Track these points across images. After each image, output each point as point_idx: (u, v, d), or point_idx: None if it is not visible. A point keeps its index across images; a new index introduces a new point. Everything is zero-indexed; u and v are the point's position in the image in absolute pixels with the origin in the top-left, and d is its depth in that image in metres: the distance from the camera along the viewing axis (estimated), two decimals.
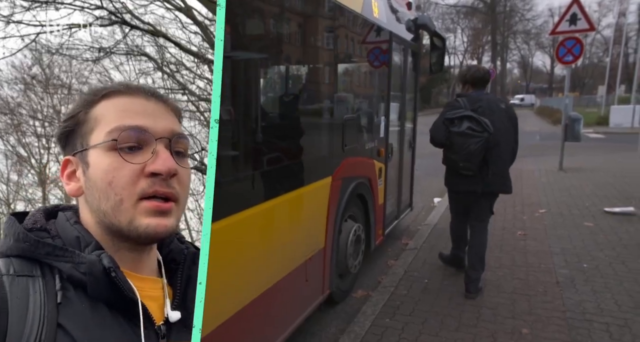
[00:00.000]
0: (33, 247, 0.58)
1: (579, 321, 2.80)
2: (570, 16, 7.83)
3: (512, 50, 48.04)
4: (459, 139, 3.01)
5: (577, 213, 5.29)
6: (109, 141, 0.60)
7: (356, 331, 2.80)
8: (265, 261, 2.20)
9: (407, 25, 4.50)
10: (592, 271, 3.56)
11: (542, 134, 16.72)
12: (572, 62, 8.03)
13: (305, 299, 2.68)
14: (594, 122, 19.09)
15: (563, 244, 4.25)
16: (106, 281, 0.57)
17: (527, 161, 9.47)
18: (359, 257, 3.48)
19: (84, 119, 0.64)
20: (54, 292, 0.56)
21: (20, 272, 0.56)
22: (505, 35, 40.34)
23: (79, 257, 0.58)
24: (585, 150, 10.67)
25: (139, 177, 0.60)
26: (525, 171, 8.25)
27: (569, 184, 7.06)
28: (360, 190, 3.43)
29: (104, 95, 0.64)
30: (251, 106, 2.06)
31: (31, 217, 0.64)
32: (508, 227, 4.85)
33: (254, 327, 2.12)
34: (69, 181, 0.65)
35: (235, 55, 1.91)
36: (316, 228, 2.75)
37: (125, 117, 0.62)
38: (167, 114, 0.66)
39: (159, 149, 0.61)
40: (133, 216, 0.60)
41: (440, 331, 2.76)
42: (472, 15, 41.15)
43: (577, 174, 7.90)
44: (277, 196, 2.22)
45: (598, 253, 3.95)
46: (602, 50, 41.89)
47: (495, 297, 3.19)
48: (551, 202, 5.91)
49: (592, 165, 8.73)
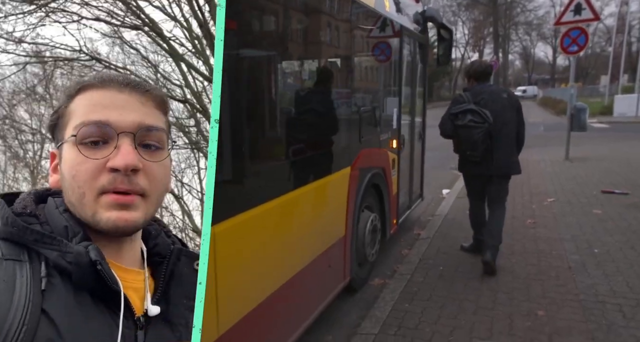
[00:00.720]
0: (21, 233, 0.59)
1: (592, 303, 2.90)
2: (575, 6, 7.84)
3: (514, 41, 47.90)
4: (463, 131, 3.39)
5: (585, 201, 5.37)
6: (70, 136, 0.62)
7: (377, 315, 2.91)
8: (293, 248, 2.29)
9: (415, 18, 4.56)
10: (603, 256, 3.65)
11: (546, 125, 16.75)
12: (577, 52, 8.06)
13: (328, 284, 2.78)
14: (597, 112, 19.07)
15: (573, 231, 4.33)
16: (91, 272, 0.57)
17: (532, 152, 9.53)
18: (375, 246, 3.58)
19: (63, 113, 0.65)
20: (40, 277, 0.56)
21: (8, 255, 0.57)
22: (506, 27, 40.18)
23: (66, 247, 0.59)
24: (590, 140, 10.71)
25: (101, 172, 0.60)
26: (532, 161, 8.32)
27: (576, 173, 7.13)
28: (376, 180, 3.53)
29: (79, 89, 0.65)
30: (279, 101, 2.15)
31: (21, 201, 0.64)
32: (518, 216, 4.93)
33: (283, 312, 2.22)
34: (53, 173, 0.67)
35: (260, 54, 2.00)
36: (337, 216, 2.85)
37: (92, 111, 0.62)
38: (141, 105, 0.65)
39: (121, 143, 0.61)
40: (95, 210, 0.61)
41: (458, 314, 2.86)
42: (473, 7, 40.98)
43: (583, 163, 7.96)
44: (303, 185, 2.32)
45: (608, 239, 4.04)
46: (604, 39, 41.67)
47: (510, 282, 3.29)
48: (559, 191, 5.99)
49: (597, 155, 8.78)
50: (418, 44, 4.66)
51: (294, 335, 2.30)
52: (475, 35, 44.62)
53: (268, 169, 2.09)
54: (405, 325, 2.76)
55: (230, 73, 1.70)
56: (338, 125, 2.81)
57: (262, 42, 2.05)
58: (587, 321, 2.67)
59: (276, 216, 2.09)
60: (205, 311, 1.52)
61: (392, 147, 3.95)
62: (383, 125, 3.69)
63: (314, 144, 2.51)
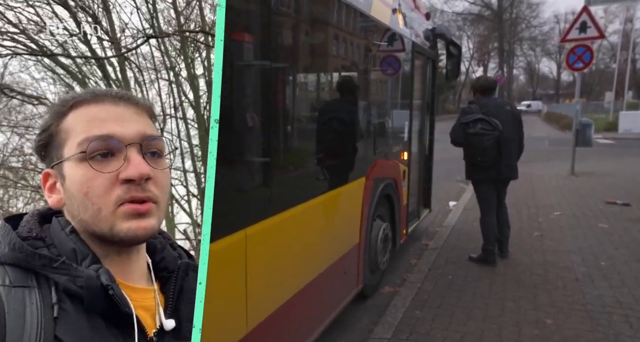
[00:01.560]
0: (29, 258, 0.58)
1: (599, 313, 2.98)
2: (580, 24, 8.02)
3: (519, 56, 48.28)
4: (474, 138, 3.70)
5: (591, 215, 5.45)
6: (78, 153, 0.61)
7: (389, 321, 3.00)
8: (314, 252, 2.41)
9: (426, 35, 4.73)
10: (609, 268, 3.74)
11: (551, 140, 16.82)
12: (582, 68, 8.20)
13: (343, 290, 2.88)
14: (602, 128, 19.15)
15: (579, 243, 4.42)
16: (103, 295, 0.58)
17: (537, 166, 9.64)
18: (386, 254, 3.68)
19: (55, 131, 0.64)
20: (50, 303, 0.56)
21: (16, 282, 0.56)
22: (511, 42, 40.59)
23: (76, 271, 0.58)
24: (595, 156, 10.79)
25: (114, 185, 0.61)
26: (537, 175, 8.42)
27: (581, 187, 7.21)
28: (388, 191, 3.64)
29: (72, 105, 0.64)
30: (304, 114, 2.29)
31: (26, 223, 0.64)
32: (525, 228, 5.02)
33: (303, 314, 2.33)
34: (51, 193, 0.66)
35: (285, 68, 2.14)
36: (353, 224, 2.96)
37: (93, 126, 0.62)
38: (138, 116, 0.66)
39: (131, 154, 0.62)
40: (113, 222, 0.60)
41: (468, 321, 2.95)
42: (478, 23, 41.48)
43: (588, 178, 8.04)
44: (324, 192, 2.44)
45: (613, 252, 4.12)
46: (608, 56, 41.94)
47: (517, 292, 3.38)
48: (564, 205, 6.08)
49: (602, 170, 8.87)
50: (428, 59, 4.82)
51: (311, 337, 2.40)
52: (480, 50, 45.06)
53: (294, 176, 2.22)
54: (417, 331, 2.85)
55: (257, 87, 1.84)
56: (356, 137, 2.95)
57: (287, 57, 2.20)
58: (595, 331, 2.75)
59: (300, 220, 2.21)
60: (235, 308, 1.63)
61: (403, 159, 4.08)
62: (395, 138, 3.82)
63: (334, 154, 2.65)
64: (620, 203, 5.90)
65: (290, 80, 2.27)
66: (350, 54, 2.98)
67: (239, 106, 1.76)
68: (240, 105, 1.77)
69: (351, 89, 2.99)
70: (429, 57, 4.82)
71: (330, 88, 2.82)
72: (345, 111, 2.82)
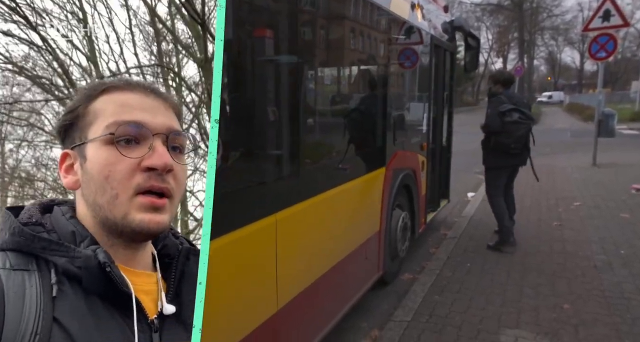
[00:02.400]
0: (29, 242, 0.59)
1: (617, 299, 3.03)
2: (604, 12, 7.86)
3: (540, 47, 47.14)
4: (512, 126, 3.93)
5: (613, 205, 5.42)
6: (106, 135, 0.61)
7: (409, 305, 3.11)
8: (338, 237, 2.54)
9: (444, 28, 4.77)
10: (630, 257, 3.75)
11: (573, 131, 16.49)
12: (605, 58, 8.05)
13: (365, 275, 3.01)
14: (628, 118, 18.64)
15: (600, 233, 4.43)
16: (101, 275, 0.58)
17: (559, 158, 9.53)
18: (406, 242, 3.79)
19: (83, 112, 0.65)
20: (50, 286, 0.56)
21: (16, 266, 0.57)
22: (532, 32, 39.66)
23: (75, 252, 0.59)
24: (619, 147, 10.58)
25: (135, 172, 0.61)
26: (558, 167, 8.34)
27: (603, 178, 7.14)
28: (407, 181, 3.74)
29: (104, 90, 0.65)
30: (326, 107, 2.41)
31: (26, 211, 0.65)
32: (544, 219, 5.04)
33: (327, 295, 2.46)
34: (67, 174, 0.66)
35: (313, 62, 2.26)
36: (374, 212, 3.08)
37: (123, 111, 0.63)
38: (165, 110, 0.67)
39: (156, 144, 0.62)
40: (127, 211, 0.61)
41: (486, 306, 3.04)
42: (498, 13, 40.63)
43: (610, 169, 7.93)
44: (346, 181, 2.56)
45: (636, 241, 4.12)
46: (635, 44, 40.59)
47: (536, 279, 3.44)
48: (586, 195, 6.04)
49: (626, 161, 8.71)
50: (447, 52, 4.86)
51: (334, 319, 2.54)
52: (500, 41, 44.16)
53: (320, 166, 2.35)
54: (436, 314, 2.96)
55: (287, 83, 1.97)
56: (377, 128, 3.05)
57: (314, 52, 2.32)
58: (612, 315, 2.81)
59: (325, 207, 2.34)
60: (266, 287, 1.78)
61: (422, 149, 4.16)
62: (414, 130, 3.91)
63: (357, 145, 2.76)
64: None
65: (317, 76, 2.39)
66: (371, 49, 3.07)
67: (268, 102, 1.89)
68: (270, 100, 1.91)
69: (373, 83, 3.09)
70: (447, 50, 4.86)
71: (353, 82, 2.93)
72: (367, 104, 2.93)
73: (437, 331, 2.76)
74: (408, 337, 2.70)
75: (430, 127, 4.33)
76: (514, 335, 2.66)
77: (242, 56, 1.76)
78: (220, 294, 1.57)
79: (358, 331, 2.91)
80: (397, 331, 2.77)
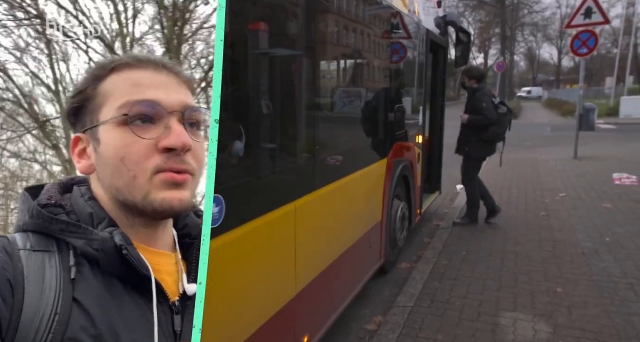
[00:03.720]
0: (46, 223, 0.59)
1: (605, 282, 3.21)
2: (585, 9, 8.12)
3: (519, 42, 48.05)
4: (502, 117, 4.40)
5: (595, 196, 5.67)
6: (119, 116, 0.59)
7: (410, 291, 3.22)
8: (347, 225, 2.62)
9: (437, 22, 4.87)
10: (614, 244, 3.96)
11: (553, 126, 16.97)
12: (586, 54, 8.32)
13: (368, 263, 3.10)
14: (604, 113, 19.27)
15: (584, 222, 4.64)
16: (118, 257, 0.57)
17: (540, 151, 9.84)
18: (404, 232, 3.90)
19: (92, 94, 0.62)
20: (68, 266, 0.56)
21: (36, 247, 0.57)
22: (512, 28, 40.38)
23: (92, 234, 0.58)
24: (597, 140, 10.97)
25: (153, 153, 0.58)
26: (541, 160, 8.62)
27: (585, 171, 7.42)
28: (405, 172, 3.84)
29: (112, 68, 0.62)
30: (340, 100, 2.47)
31: (46, 192, 0.63)
32: (531, 209, 5.24)
33: (337, 281, 2.54)
34: (80, 158, 0.64)
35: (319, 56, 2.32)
36: (376, 202, 3.17)
37: (135, 91, 0.60)
38: (179, 86, 0.64)
39: (172, 123, 0.60)
40: (148, 191, 0.58)
41: (484, 291, 3.18)
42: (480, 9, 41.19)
43: (591, 162, 8.24)
44: (354, 171, 2.64)
45: (618, 229, 4.34)
46: (610, 41, 41.75)
47: (528, 266, 3.60)
48: (569, 187, 6.29)
49: (605, 154, 9.06)
50: (440, 46, 4.97)
51: (342, 305, 2.62)
52: (481, 36, 44.82)
53: (332, 156, 2.42)
54: (437, 299, 3.08)
55: (293, 75, 2.03)
56: (381, 119, 3.14)
57: (317, 46, 2.37)
58: (601, 297, 2.98)
59: (337, 195, 2.41)
60: (287, 271, 1.87)
61: (418, 142, 4.26)
62: (411, 121, 4.01)
63: (366, 135, 2.85)
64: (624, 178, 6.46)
65: (329, 71, 2.45)
66: (376, 44, 3.14)
67: (291, 99, 1.96)
68: (291, 97, 1.97)
69: (376, 75, 3.16)
70: (441, 44, 4.97)
71: (359, 75, 2.99)
72: (371, 96, 3.00)
73: (439, 314, 2.88)
74: (412, 321, 2.81)
75: (425, 120, 4.44)
76: (512, 317, 2.80)
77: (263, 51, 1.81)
78: (249, 277, 1.64)
79: (362, 318, 3.01)
80: (401, 316, 2.88)
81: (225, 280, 1.50)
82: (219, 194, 1.42)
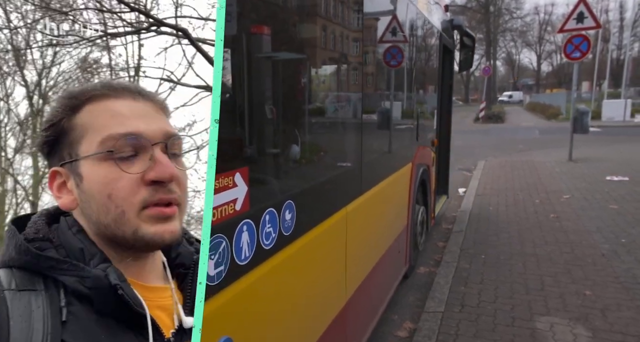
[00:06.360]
0: (35, 260, 0.55)
1: (632, 284, 3.20)
2: (578, 14, 8.29)
3: (501, 48, 49.07)
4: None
5: (600, 198, 5.73)
6: (104, 152, 0.57)
7: (438, 296, 3.16)
8: (383, 230, 2.55)
9: (445, 26, 4.86)
10: (631, 245, 3.98)
11: (540, 129, 17.27)
12: (579, 58, 8.48)
13: (398, 268, 3.03)
14: None
15: (596, 223, 4.67)
16: (113, 296, 0.54)
17: (535, 154, 9.98)
18: (424, 236, 3.85)
19: (68, 126, 0.59)
20: (58, 306, 0.53)
21: (22, 286, 0.54)
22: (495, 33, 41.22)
23: (84, 271, 0.55)
24: (587, 143, 11.17)
25: (139, 187, 0.57)
26: (537, 162, 8.73)
27: (582, 172, 7.52)
28: (424, 176, 3.79)
29: (87, 99, 0.60)
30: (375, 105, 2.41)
31: (33, 225, 0.60)
32: (540, 211, 5.26)
33: (376, 287, 2.46)
34: (60, 193, 0.61)
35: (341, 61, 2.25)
36: (404, 206, 3.10)
37: (116, 122, 0.58)
38: (156, 113, 0.62)
39: (157, 154, 0.58)
40: (138, 226, 0.57)
41: (513, 295, 3.13)
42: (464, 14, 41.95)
43: (586, 163, 8.38)
44: (390, 175, 2.57)
45: (631, 230, 4.38)
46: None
47: (551, 268, 3.58)
48: (572, 189, 6.35)
49: (598, 156, 9.23)
50: (449, 50, 4.96)
51: (381, 308, 2.54)
52: None
53: (373, 161, 2.34)
54: (467, 304, 3.02)
55: (325, 82, 1.95)
56: (409, 124, 3.09)
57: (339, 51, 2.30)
58: (634, 299, 2.97)
59: (377, 199, 2.34)
60: (338, 279, 1.78)
61: (433, 145, 4.23)
62: (429, 125, 3.97)
63: (397, 140, 2.79)
64: (617, 179, 6.53)
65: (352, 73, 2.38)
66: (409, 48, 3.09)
67: (341, 104, 1.90)
68: (343, 101, 1.91)
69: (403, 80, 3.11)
70: (451, 48, 4.97)
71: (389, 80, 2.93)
72: (399, 100, 2.94)
73: (473, 320, 2.82)
74: (447, 327, 2.74)
75: (438, 124, 4.42)
76: (548, 321, 2.76)
77: (330, 55, 1.74)
78: (308, 288, 1.54)
79: (390, 324, 2.93)
80: (434, 322, 2.80)
81: (288, 293, 1.41)
82: (291, 200, 1.33)
